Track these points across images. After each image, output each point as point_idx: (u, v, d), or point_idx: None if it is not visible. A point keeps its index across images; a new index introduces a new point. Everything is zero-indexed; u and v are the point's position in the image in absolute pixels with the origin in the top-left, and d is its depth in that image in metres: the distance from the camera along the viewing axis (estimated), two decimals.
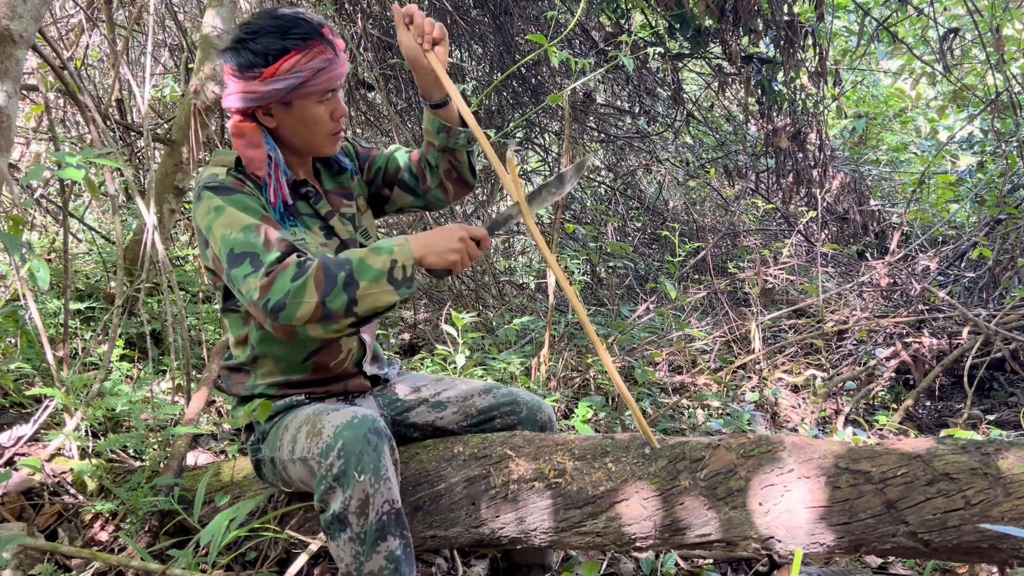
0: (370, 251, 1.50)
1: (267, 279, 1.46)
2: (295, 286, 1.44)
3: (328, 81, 1.61)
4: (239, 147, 1.62)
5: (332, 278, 1.45)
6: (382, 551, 1.49)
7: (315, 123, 1.65)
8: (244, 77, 1.58)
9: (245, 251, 1.49)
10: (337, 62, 1.62)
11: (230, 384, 1.81)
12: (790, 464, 1.54)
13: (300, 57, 1.57)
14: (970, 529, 1.39)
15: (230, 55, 1.59)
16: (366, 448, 1.48)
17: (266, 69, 1.56)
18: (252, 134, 1.62)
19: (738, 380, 3.80)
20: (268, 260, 1.47)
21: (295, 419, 1.67)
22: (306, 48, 1.57)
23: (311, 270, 1.46)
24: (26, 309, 2.48)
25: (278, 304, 1.44)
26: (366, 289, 1.46)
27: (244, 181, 1.62)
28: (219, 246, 1.53)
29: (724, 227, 6.66)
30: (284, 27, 1.57)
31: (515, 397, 1.92)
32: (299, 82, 1.58)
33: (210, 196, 1.58)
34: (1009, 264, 4.57)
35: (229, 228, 1.53)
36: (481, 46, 5.11)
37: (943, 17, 6.43)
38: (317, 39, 1.58)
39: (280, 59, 1.56)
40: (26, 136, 4.17)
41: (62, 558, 1.84)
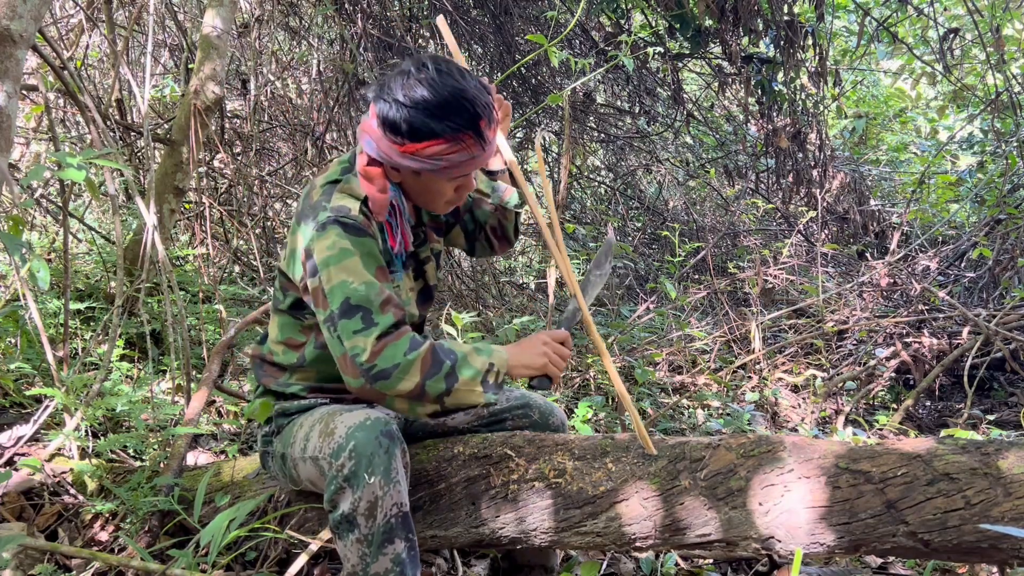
0: (473, 350, 1.57)
1: (379, 345, 1.48)
2: (406, 361, 1.49)
3: (463, 171, 1.57)
4: (366, 188, 1.59)
5: (439, 364, 1.51)
6: (388, 553, 1.49)
7: (438, 194, 1.64)
8: (385, 135, 1.52)
9: (360, 305, 1.50)
10: (482, 156, 1.56)
11: (260, 374, 1.79)
12: (790, 464, 1.54)
13: (446, 147, 1.50)
14: (970, 529, 1.39)
15: (382, 104, 1.51)
16: (377, 450, 1.48)
17: (408, 144, 1.51)
18: (379, 180, 1.58)
19: (738, 380, 3.80)
20: (382, 323, 1.49)
21: (309, 417, 1.67)
22: (456, 140, 1.50)
23: (422, 350, 1.51)
24: (26, 309, 2.48)
25: (383, 372, 1.48)
26: (463, 384, 1.53)
27: (371, 220, 1.60)
28: (331, 287, 1.52)
29: (724, 227, 6.66)
30: (445, 109, 1.48)
31: (527, 400, 1.92)
32: (434, 169, 1.54)
33: (340, 233, 1.53)
34: (1009, 264, 4.57)
35: (352, 277, 1.51)
36: (481, 46, 5.11)
37: (943, 17, 6.43)
38: (470, 134, 1.50)
39: (426, 141, 1.50)
40: (26, 136, 4.17)
41: (62, 558, 1.84)
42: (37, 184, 3.43)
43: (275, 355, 1.76)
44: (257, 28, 4.70)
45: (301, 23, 5.05)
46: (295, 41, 5.21)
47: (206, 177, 4.46)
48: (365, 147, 1.58)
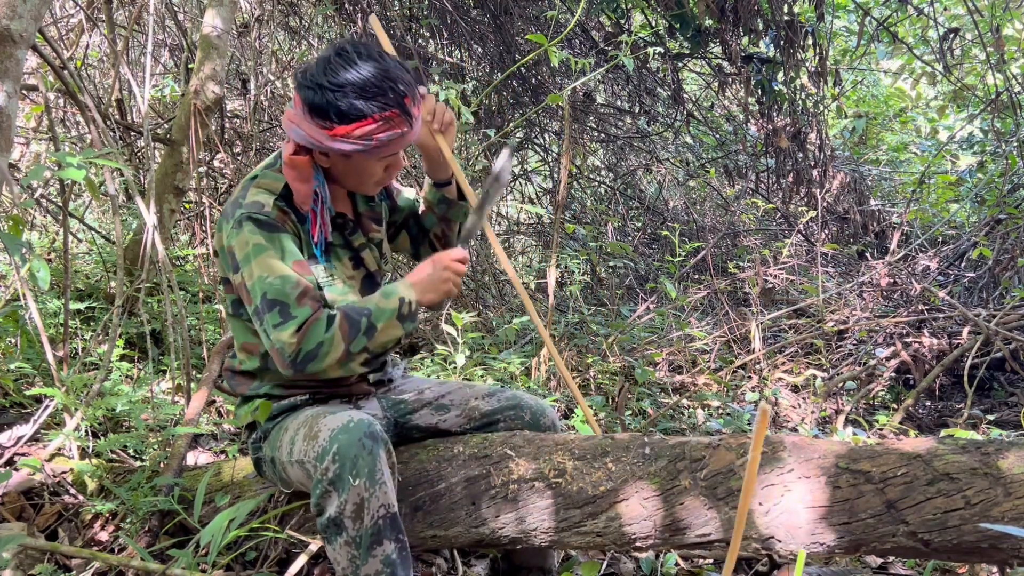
0: (382, 295, 1.62)
1: (300, 334, 1.53)
2: (327, 337, 1.54)
3: (393, 149, 1.59)
4: (289, 177, 1.61)
5: (355, 324, 1.56)
6: (378, 555, 1.49)
7: (368, 175, 1.66)
8: (313, 121, 1.54)
9: (277, 299, 1.54)
10: (410, 133, 1.59)
11: (234, 384, 1.81)
12: (790, 464, 1.54)
13: (375, 127, 1.53)
14: (970, 529, 1.39)
15: (306, 91, 1.53)
16: (361, 452, 1.48)
17: (338, 127, 1.52)
18: (304, 168, 1.60)
19: (738, 380, 3.80)
20: (300, 316, 1.54)
21: (295, 420, 1.67)
22: (384, 119, 1.53)
23: (337, 321, 1.56)
24: (26, 309, 2.48)
25: (309, 354, 1.53)
26: (381, 330, 1.58)
27: (287, 213, 1.62)
28: (252, 283, 1.56)
29: (724, 227, 6.66)
30: (369, 90, 1.51)
31: (519, 401, 1.92)
32: (365, 149, 1.55)
33: (253, 230, 1.57)
34: (1009, 264, 4.57)
35: (266, 271, 1.55)
36: (481, 46, 5.11)
37: (943, 17, 6.43)
38: (397, 111, 1.54)
39: (355, 123, 1.52)
40: (26, 136, 4.17)
41: (62, 558, 1.84)
42: (37, 184, 3.43)
43: (241, 364, 1.78)
44: (257, 28, 4.70)
45: (301, 23, 5.05)
46: (295, 41, 5.21)
47: (206, 177, 4.46)
48: (292, 135, 1.59)
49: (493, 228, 6.13)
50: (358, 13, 4.51)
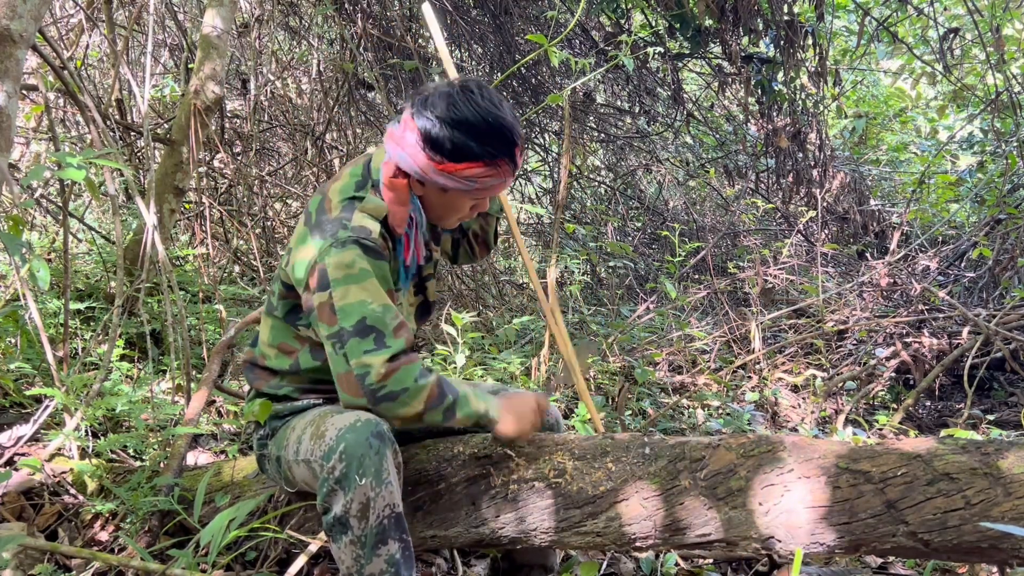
0: (477, 393, 1.65)
1: (392, 366, 1.53)
2: (415, 388, 1.55)
3: (489, 192, 1.62)
4: (388, 199, 1.61)
5: (442, 398, 1.58)
6: (382, 554, 1.50)
7: (456, 211, 1.67)
8: (424, 152, 1.55)
9: (375, 327, 1.54)
10: (509, 180, 1.62)
11: (252, 377, 1.80)
12: (790, 464, 1.54)
13: (483, 170, 1.55)
14: (970, 529, 1.39)
15: (424, 120, 1.54)
16: (368, 452, 1.48)
17: (448, 163, 1.54)
18: (403, 192, 1.61)
19: (738, 380, 3.80)
20: (394, 347, 1.54)
21: (302, 420, 1.67)
22: (493, 165, 1.55)
23: (432, 380, 1.58)
24: (26, 309, 2.48)
25: (391, 394, 1.53)
26: (458, 421, 1.61)
27: (387, 242, 1.62)
28: (345, 305, 1.54)
29: (724, 227, 6.66)
30: (486, 134, 1.53)
31: None
32: (467, 189, 1.58)
33: (360, 255, 1.55)
34: (1009, 264, 4.57)
35: (370, 297, 1.54)
36: (481, 46, 5.11)
37: (943, 17, 6.43)
38: (506, 159, 1.56)
39: (466, 162, 1.54)
40: (26, 136, 4.17)
41: (62, 558, 1.84)
42: (37, 184, 3.43)
43: (267, 359, 1.76)
44: (257, 28, 4.71)
45: (301, 23, 5.05)
46: (295, 41, 5.22)
47: (206, 177, 4.46)
48: (395, 158, 1.59)
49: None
50: (358, 13, 4.51)
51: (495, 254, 6.14)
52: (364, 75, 4.60)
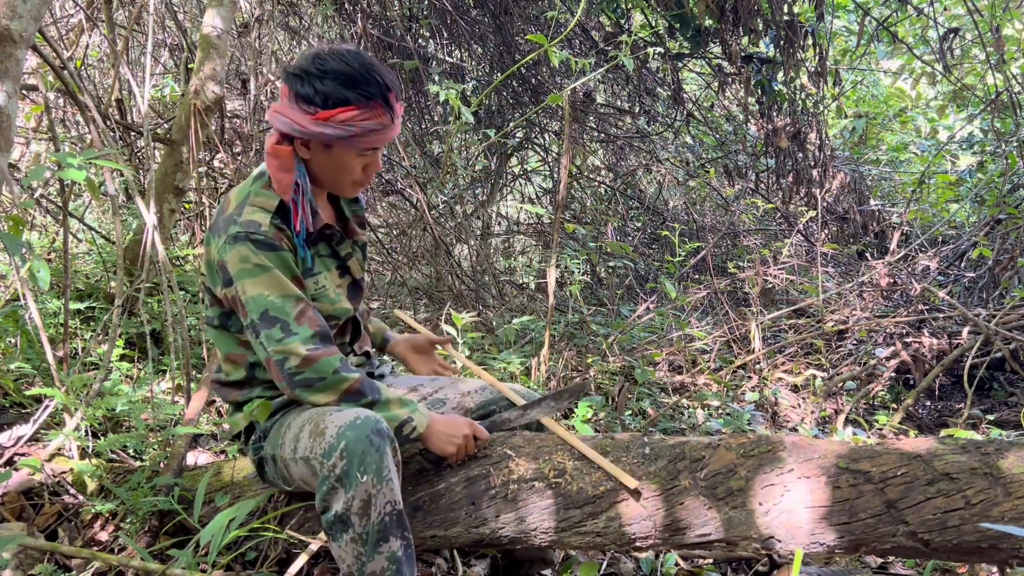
0: (400, 400, 1.66)
1: (312, 354, 1.57)
2: (333, 379, 1.59)
3: (374, 142, 1.62)
4: (271, 167, 1.63)
5: (359, 395, 1.61)
6: (384, 552, 1.49)
7: (347, 171, 1.67)
8: (298, 108, 1.58)
9: (278, 317, 1.58)
10: (391, 128, 1.63)
11: (224, 395, 1.82)
12: (790, 464, 1.54)
13: (357, 113, 1.57)
14: (970, 529, 1.39)
15: (294, 79, 1.58)
16: (369, 449, 1.48)
17: (322, 111, 1.56)
18: (286, 158, 1.63)
19: (738, 380, 3.80)
20: (301, 333, 1.58)
21: (298, 418, 1.67)
22: (367, 107, 1.57)
23: (352, 377, 1.62)
24: (26, 309, 2.48)
25: (307, 381, 1.58)
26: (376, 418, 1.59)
27: (283, 232, 1.63)
28: (250, 299, 1.59)
29: (724, 227, 6.65)
30: (354, 79, 1.56)
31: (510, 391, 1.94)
32: (347, 135, 1.58)
33: (252, 250, 1.59)
34: (1009, 264, 4.57)
35: (267, 289, 1.59)
36: (481, 46, 5.11)
37: (943, 17, 6.43)
38: (379, 102, 1.58)
39: (338, 108, 1.56)
40: (26, 136, 4.17)
41: (62, 558, 1.84)
42: (37, 184, 3.43)
43: (228, 375, 1.79)
44: (257, 28, 4.70)
45: (301, 23, 5.05)
46: (295, 41, 5.21)
47: (206, 177, 4.46)
48: (276, 124, 1.62)
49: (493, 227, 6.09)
50: (358, 13, 4.50)
51: (495, 254, 6.14)
52: None
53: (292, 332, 1.57)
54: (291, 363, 1.57)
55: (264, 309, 1.58)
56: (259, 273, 1.59)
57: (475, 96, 4.13)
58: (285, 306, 1.59)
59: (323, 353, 1.59)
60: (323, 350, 1.59)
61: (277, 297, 1.59)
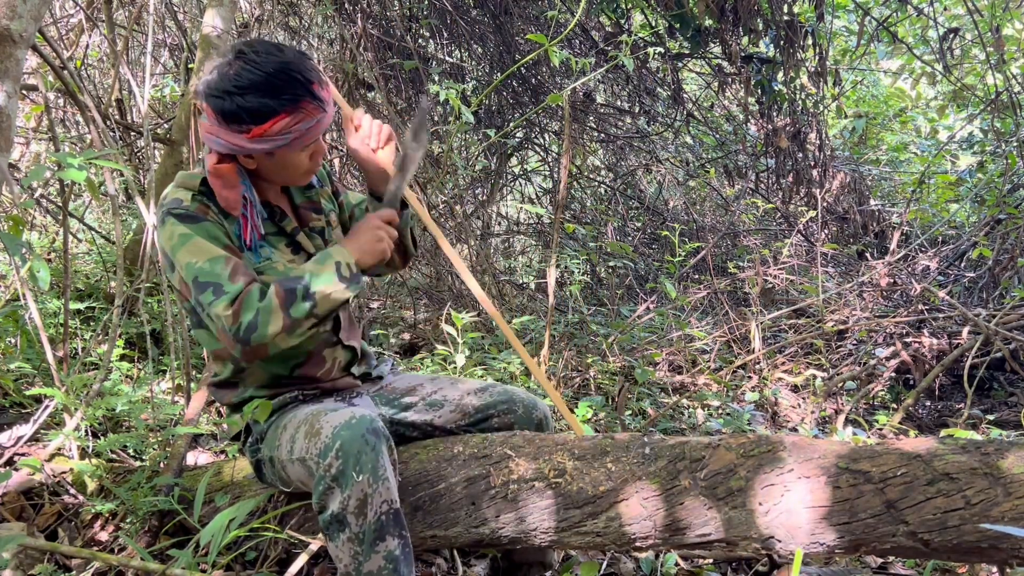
0: (315, 261, 1.63)
1: (235, 306, 1.53)
2: (262, 305, 1.54)
3: (314, 136, 1.61)
4: (216, 186, 1.61)
5: (292, 291, 1.56)
6: (381, 551, 1.49)
7: (294, 167, 1.67)
8: (229, 128, 1.55)
9: (209, 280, 1.55)
10: (326, 116, 1.60)
11: (219, 396, 1.82)
12: (790, 464, 1.54)
13: (290, 119, 1.55)
14: (970, 529, 1.39)
15: (214, 101, 1.54)
16: (364, 448, 1.48)
17: (254, 128, 1.54)
18: (229, 176, 1.61)
19: (738, 380, 3.80)
20: (232, 290, 1.55)
21: (293, 419, 1.67)
22: (297, 110, 1.55)
23: (272, 289, 1.55)
24: (26, 309, 2.48)
25: (250, 325, 1.53)
26: (322, 293, 1.57)
27: (208, 207, 1.63)
28: (184, 273, 1.58)
29: (724, 227, 6.66)
30: (275, 86, 1.52)
31: (511, 395, 1.93)
32: (287, 142, 1.57)
33: (175, 223, 1.59)
34: (1009, 264, 4.57)
35: (194, 256, 1.57)
36: (481, 46, 5.11)
37: (943, 17, 6.43)
38: (308, 99, 1.55)
39: (270, 120, 1.53)
40: (26, 136, 4.17)
41: (62, 558, 1.84)
42: (37, 184, 3.43)
43: (218, 375, 1.79)
44: (257, 28, 4.70)
45: (301, 23, 5.05)
46: (295, 41, 5.21)
47: None
48: (213, 146, 1.60)
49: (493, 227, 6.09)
50: (358, 13, 4.50)
51: (495, 254, 6.13)
52: (364, 75, 4.60)
53: (224, 292, 1.54)
54: (226, 324, 1.53)
55: (195, 277, 1.56)
56: (185, 242, 1.58)
57: (475, 96, 4.13)
58: (215, 268, 1.56)
59: (242, 296, 1.55)
60: (240, 295, 1.55)
61: (204, 262, 1.56)
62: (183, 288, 1.64)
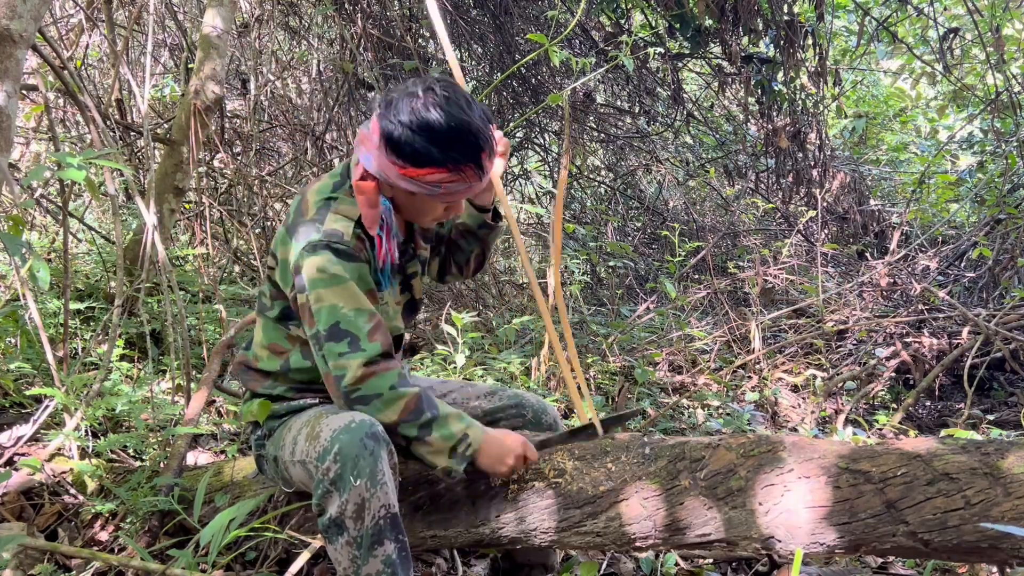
0: (456, 415, 1.60)
1: (368, 371, 1.52)
2: (389, 396, 1.54)
3: (458, 197, 1.59)
4: (359, 201, 1.59)
5: (419, 412, 1.55)
6: (379, 555, 1.50)
7: (428, 213, 1.65)
8: (387, 154, 1.53)
9: (349, 330, 1.53)
10: (479, 185, 1.58)
11: (246, 379, 1.79)
12: (790, 464, 1.54)
13: (446, 176, 1.52)
14: (970, 529, 1.39)
15: (387, 123, 1.51)
16: (363, 453, 1.48)
17: (410, 168, 1.52)
18: (372, 194, 1.58)
19: (738, 380, 3.80)
20: (369, 350, 1.53)
21: (298, 420, 1.67)
22: (456, 171, 1.52)
23: (409, 392, 1.56)
24: (26, 309, 2.48)
25: (364, 399, 1.53)
26: (433, 441, 1.56)
27: (364, 242, 1.60)
28: (322, 309, 1.54)
29: (724, 227, 6.66)
30: (450, 140, 1.49)
31: (520, 399, 1.92)
32: (432, 194, 1.55)
33: (332, 259, 1.54)
34: (1009, 264, 4.57)
35: (342, 301, 1.54)
36: (481, 46, 5.11)
37: (943, 17, 6.43)
38: (472, 166, 1.53)
39: (428, 168, 1.51)
40: (26, 136, 4.17)
41: (62, 558, 1.84)
42: (37, 184, 3.43)
43: (260, 360, 1.76)
44: (257, 28, 4.70)
45: (301, 23, 5.05)
46: (295, 41, 5.21)
47: (206, 177, 4.46)
48: (362, 160, 1.58)
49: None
50: (358, 13, 4.50)
51: (495, 254, 6.14)
52: (364, 75, 4.60)
53: (360, 348, 1.52)
54: (347, 380, 1.52)
55: (335, 322, 1.53)
56: (335, 284, 1.54)
57: (475, 96, 4.12)
58: (358, 320, 1.53)
59: (380, 369, 1.53)
60: (381, 365, 1.54)
61: (351, 310, 1.54)
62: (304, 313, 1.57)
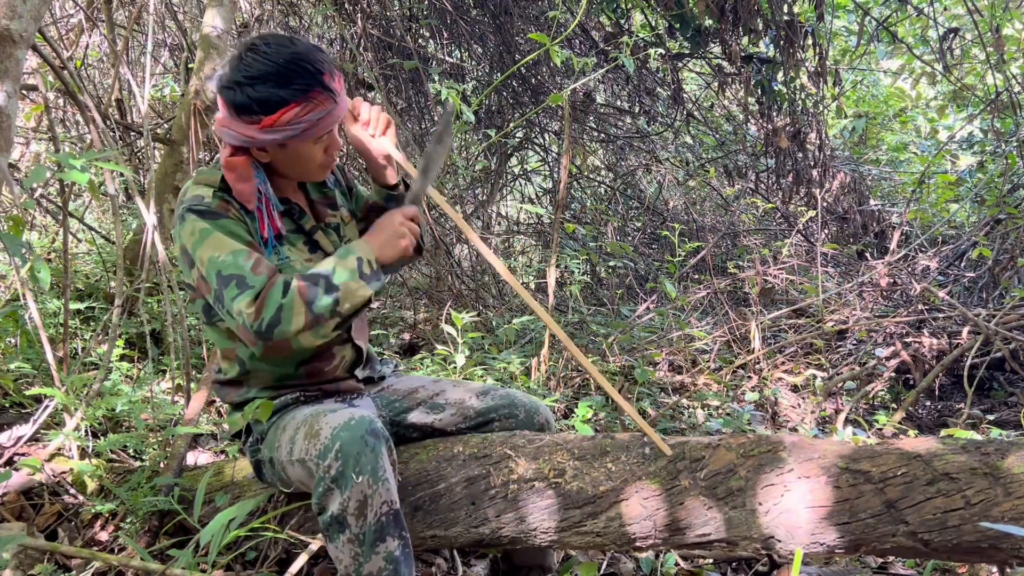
0: (337, 257, 1.60)
1: (258, 302, 1.52)
2: (285, 301, 1.52)
3: (326, 127, 1.59)
4: (230, 179, 1.62)
5: (314, 286, 1.54)
6: (381, 552, 1.49)
7: (309, 160, 1.66)
8: (240, 119, 1.55)
9: (232, 274, 1.54)
10: (338, 107, 1.59)
11: (222, 395, 1.82)
12: (790, 464, 1.54)
13: (300, 109, 1.53)
14: (970, 529, 1.39)
15: (226, 92, 1.54)
16: (363, 449, 1.48)
17: (264, 118, 1.53)
18: (243, 168, 1.61)
19: (738, 380, 3.80)
20: (256, 283, 1.53)
21: (293, 420, 1.67)
22: (307, 99, 1.53)
23: (295, 285, 1.54)
24: (26, 309, 2.48)
25: (272, 321, 1.51)
26: (345, 289, 1.55)
27: (229, 204, 1.62)
28: (206, 268, 1.57)
29: (724, 227, 6.66)
30: (285, 76, 1.51)
31: (512, 399, 1.92)
32: (297, 133, 1.56)
33: (195, 219, 1.58)
34: (1009, 264, 4.57)
35: (216, 251, 1.56)
36: (481, 46, 5.11)
37: (943, 17, 6.43)
38: (318, 89, 1.54)
39: (280, 110, 1.52)
40: (26, 136, 4.17)
41: (62, 558, 1.84)
42: (37, 184, 3.43)
43: (225, 373, 1.79)
44: (257, 28, 4.70)
45: (301, 23, 5.05)
46: None
47: None
48: (226, 139, 1.60)
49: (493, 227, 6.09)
50: (358, 13, 4.51)
51: (495, 254, 6.13)
52: (364, 75, 4.60)
53: (248, 285, 1.53)
54: (248, 320, 1.52)
55: (217, 271, 1.55)
56: (206, 237, 1.57)
57: (475, 96, 4.13)
58: (238, 260, 1.55)
59: (264, 291, 1.53)
60: (263, 290, 1.53)
61: (227, 254, 1.55)
62: (200, 285, 1.61)
